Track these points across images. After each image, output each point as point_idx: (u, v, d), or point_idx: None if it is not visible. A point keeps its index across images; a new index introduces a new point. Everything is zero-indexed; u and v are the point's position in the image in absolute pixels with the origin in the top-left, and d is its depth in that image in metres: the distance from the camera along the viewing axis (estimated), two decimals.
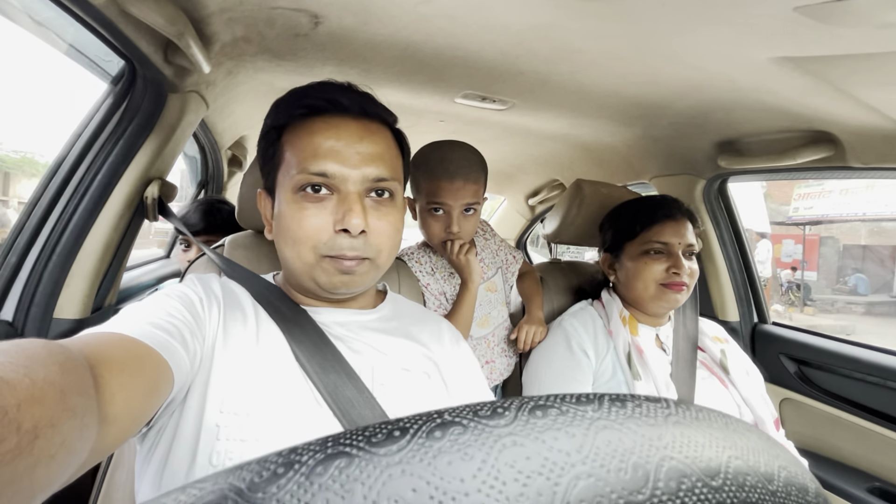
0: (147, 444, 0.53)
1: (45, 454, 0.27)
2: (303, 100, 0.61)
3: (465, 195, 1.00)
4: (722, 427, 0.16)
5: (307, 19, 0.89)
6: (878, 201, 9.31)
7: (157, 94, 0.91)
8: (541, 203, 2.57)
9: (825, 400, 1.30)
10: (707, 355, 1.06)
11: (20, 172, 6.98)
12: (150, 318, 0.50)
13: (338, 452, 0.13)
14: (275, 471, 0.13)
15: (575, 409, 0.15)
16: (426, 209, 1.03)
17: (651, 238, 1.01)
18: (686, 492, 0.13)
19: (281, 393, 0.55)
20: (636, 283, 1.02)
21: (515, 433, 0.13)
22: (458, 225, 1.01)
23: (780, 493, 0.15)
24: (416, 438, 0.13)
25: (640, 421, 0.15)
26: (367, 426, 0.14)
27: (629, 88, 1.09)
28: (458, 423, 0.14)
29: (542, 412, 0.14)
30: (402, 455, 0.12)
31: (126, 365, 0.41)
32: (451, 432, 0.13)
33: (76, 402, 0.32)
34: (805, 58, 0.70)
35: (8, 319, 0.81)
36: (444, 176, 0.99)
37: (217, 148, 1.57)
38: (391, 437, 0.13)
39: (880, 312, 9.06)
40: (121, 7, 0.64)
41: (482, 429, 0.13)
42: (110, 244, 0.92)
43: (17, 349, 0.31)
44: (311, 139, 0.59)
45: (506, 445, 0.13)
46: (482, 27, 0.86)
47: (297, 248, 0.59)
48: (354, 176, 0.58)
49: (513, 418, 0.14)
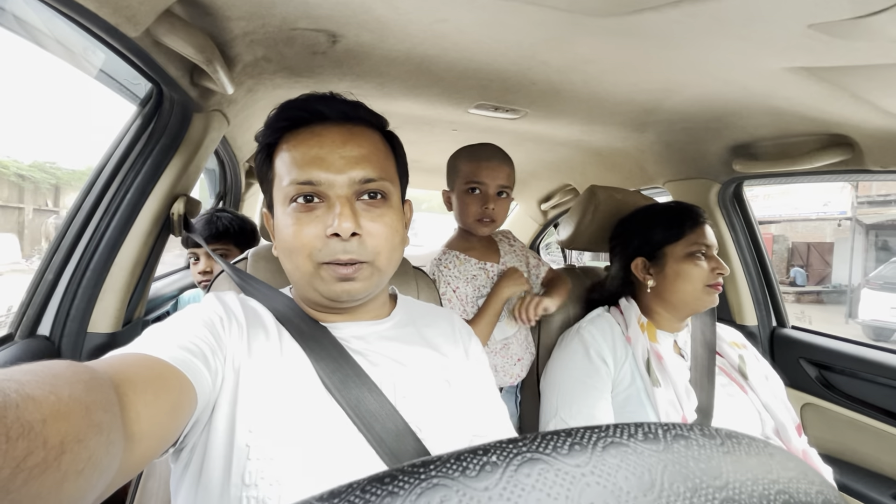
0: (181, 462, 0.55)
1: (72, 469, 0.28)
2: (285, 113, 0.63)
3: (499, 176, 1.15)
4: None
5: (325, 38, 0.92)
6: (817, 200, 11.22)
7: (182, 115, 0.94)
8: (553, 208, 2.57)
9: (848, 405, 1.29)
10: (725, 361, 1.05)
11: (68, 186, 7.37)
12: (171, 337, 0.51)
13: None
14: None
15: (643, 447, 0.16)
16: (464, 190, 1.17)
17: (697, 240, 1.02)
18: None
19: (306, 411, 0.56)
20: (683, 285, 1.02)
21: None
22: (493, 203, 1.15)
23: None
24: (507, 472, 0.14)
25: (699, 454, 0.16)
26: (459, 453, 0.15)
27: (642, 96, 1.10)
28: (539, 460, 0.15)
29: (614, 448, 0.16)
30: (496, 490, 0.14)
31: (150, 384, 0.42)
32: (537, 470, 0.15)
33: (102, 418, 0.32)
34: (820, 67, 0.71)
35: (45, 334, 0.85)
36: (483, 157, 1.16)
37: (236, 161, 1.61)
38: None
39: (808, 301, 11.62)
40: (153, 38, 0.67)
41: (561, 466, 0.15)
42: (140, 259, 0.95)
43: (43, 368, 0.32)
44: (297, 150, 0.60)
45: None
46: (495, 41, 0.88)
47: (295, 258, 0.60)
48: (340, 180, 0.59)
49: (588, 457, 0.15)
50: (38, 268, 0.87)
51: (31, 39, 0.73)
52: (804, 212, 11.61)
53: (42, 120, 6.40)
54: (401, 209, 0.67)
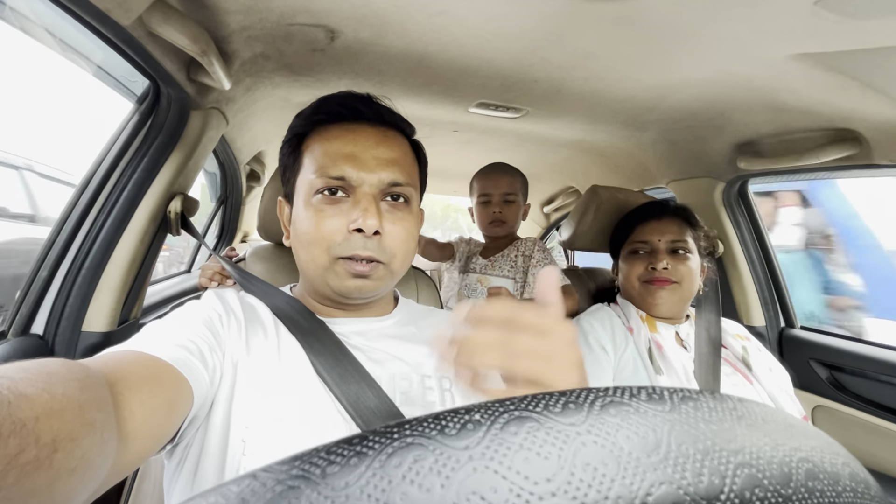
0: (174, 459, 0.53)
1: (65, 467, 0.28)
2: (323, 107, 0.64)
3: (502, 185, 1.41)
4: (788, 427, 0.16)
5: (324, 34, 0.91)
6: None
7: (179, 112, 0.93)
8: (556, 211, 2.56)
9: (860, 406, 1.25)
10: (729, 352, 1.05)
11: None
12: (167, 335, 0.50)
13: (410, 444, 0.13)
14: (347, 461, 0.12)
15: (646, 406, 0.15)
16: (479, 203, 1.45)
17: (634, 239, 1.09)
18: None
19: (303, 406, 0.55)
20: (625, 283, 1.10)
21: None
22: (500, 207, 1.40)
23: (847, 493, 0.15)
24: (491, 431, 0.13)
25: (711, 419, 0.15)
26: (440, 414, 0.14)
27: (644, 92, 1.09)
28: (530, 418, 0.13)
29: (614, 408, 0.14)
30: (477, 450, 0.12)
31: (145, 382, 0.41)
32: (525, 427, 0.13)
33: (95, 416, 0.32)
34: (827, 53, 0.69)
35: (39, 333, 0.83)
36: (487, 171, 1.46)
37: (237, 164, 1.60)
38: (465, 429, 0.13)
39: None
40: (147, 28, 0.66)
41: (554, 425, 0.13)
42: (136, 258, 0.94)
43: (37, 366, 0.32)
44: (330, 144, 0.61)
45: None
46: (495, 36, 0.87)
47: (312, 250, 0.60)
48: (371, 179, 0.60)
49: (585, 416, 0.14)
50: (33, 265, 0.86)
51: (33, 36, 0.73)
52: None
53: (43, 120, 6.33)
54: (418, 215, 0.68)
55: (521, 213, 1.46)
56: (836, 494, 0.15)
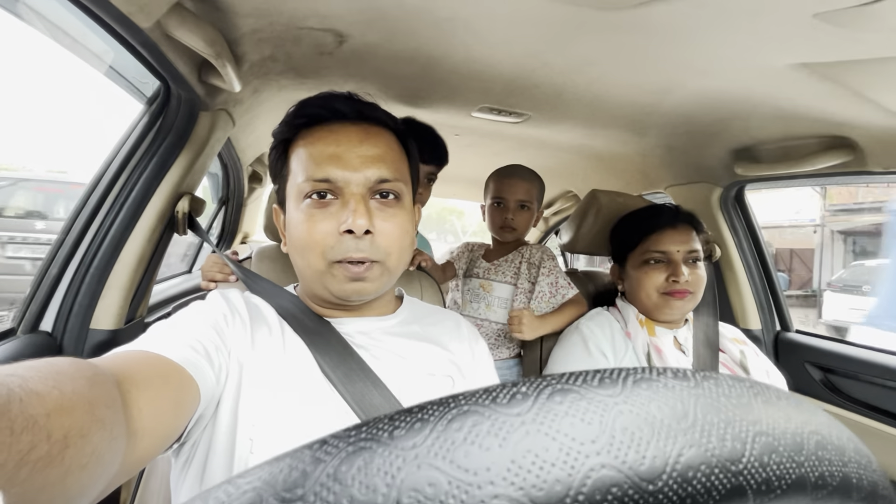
0: (182, 458, 0.54)
1: (76, 463, 0.28)
2: (304, 110, 0.63)
3: (518, 191, 1.34)
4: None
5: (332, 38, 0.93)
6: (789, 209, 11.69)
7: (189, 113, 0.95)
8: (555, 215, 2.59)
9: (854, 409, 1.28)
10: (727, 356, 1.06)
11: None
12: (175, 335, 0.51)
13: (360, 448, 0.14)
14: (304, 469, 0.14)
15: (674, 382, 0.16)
16: (491, 205, 1.39)
17: (650, 247, 1.05)
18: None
19: (309, 405, 0.55)
20: (639, 292, 1.05)
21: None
22: (513, 213, 1.33)
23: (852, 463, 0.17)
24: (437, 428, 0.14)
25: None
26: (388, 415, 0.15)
27: (644, 98, 1.11)
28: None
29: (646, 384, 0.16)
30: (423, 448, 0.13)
31: (152, 381, 0.42)
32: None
33: (105, 413, 0.32)
34: (824, 63, 0.71)
35: (48, 330, 0.84)
36: (505, 175, 1.38)
37: (240, 165, 1.61)
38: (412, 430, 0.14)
39: (790, 304, 12.01)
40: (164, 31, 0.67)
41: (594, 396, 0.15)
42: (144, 257, 0.95)
43: (47, 365, 0.32)
44: (314, 147, 0.61)
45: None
46: (500, 40, 0.89)
47: (307, 255, 0.60)
48: (356, 179, 0.59)
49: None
50: (42, 263, 0.86)
51: (49, 35, 0.74)
52: (777, 219, 11.87)
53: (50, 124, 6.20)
54: (412, 211, 0.68)
55: (534, 220, 1.42)
56: (842, 464, 0.17)
